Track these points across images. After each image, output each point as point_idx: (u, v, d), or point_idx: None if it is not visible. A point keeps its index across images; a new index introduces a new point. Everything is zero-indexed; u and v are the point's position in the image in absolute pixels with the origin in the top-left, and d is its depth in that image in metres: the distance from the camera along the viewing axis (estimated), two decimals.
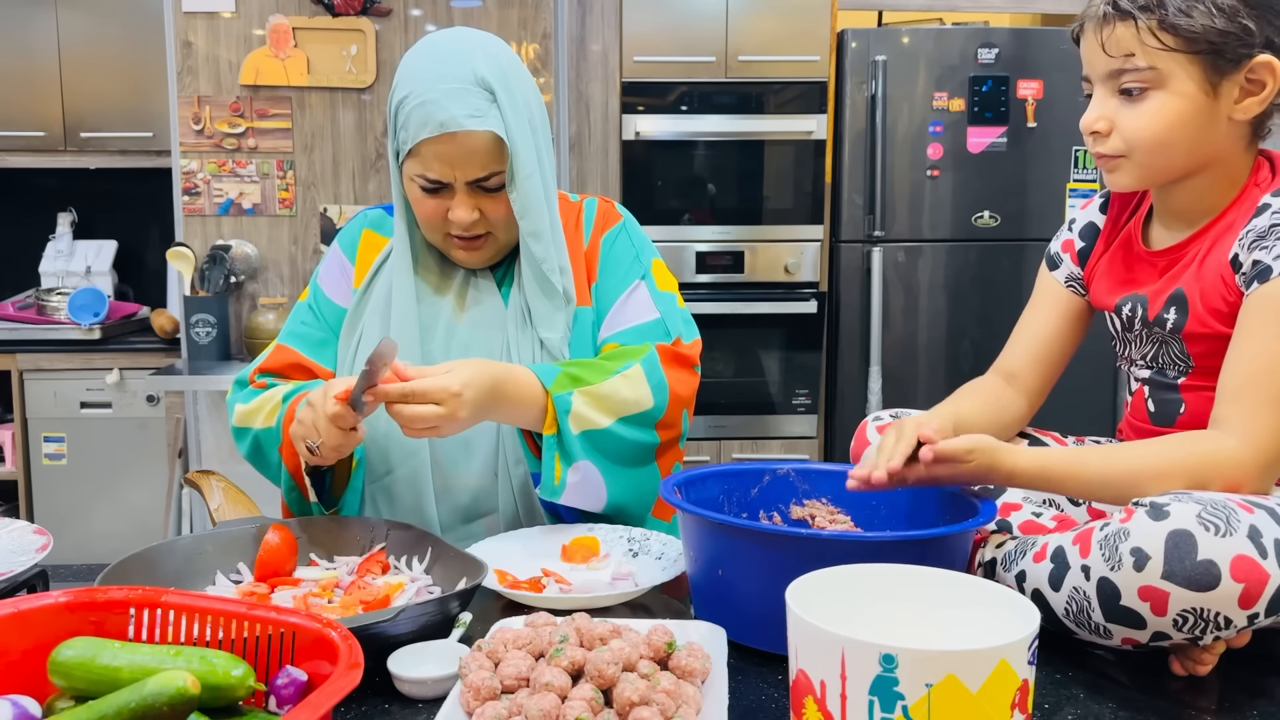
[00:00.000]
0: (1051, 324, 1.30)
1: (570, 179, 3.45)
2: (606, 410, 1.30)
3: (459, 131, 1.28)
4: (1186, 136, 1.09)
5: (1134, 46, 1.07)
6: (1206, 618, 0.90)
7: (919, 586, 0.85)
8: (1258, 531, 0.90)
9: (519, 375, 1.27)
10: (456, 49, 1.32)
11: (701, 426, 3.55)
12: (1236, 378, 1.04)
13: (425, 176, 1.32)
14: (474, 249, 1.39)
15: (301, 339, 1.44)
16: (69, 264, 3.84)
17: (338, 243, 1.51)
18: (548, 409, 1.28)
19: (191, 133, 3.30)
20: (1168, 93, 1.08)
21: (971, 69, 3.42)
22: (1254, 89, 1.08)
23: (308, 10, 3.26)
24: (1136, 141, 1.10)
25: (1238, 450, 1.01)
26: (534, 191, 1.33)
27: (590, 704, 0.82)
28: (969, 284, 3.52)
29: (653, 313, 1.42)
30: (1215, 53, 1.05)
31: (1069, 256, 1.31)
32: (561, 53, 3.37)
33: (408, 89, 1.31)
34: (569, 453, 1.29)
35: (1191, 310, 1.12)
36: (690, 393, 1.40)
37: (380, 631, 0.95)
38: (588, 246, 1.46)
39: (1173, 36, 1.05)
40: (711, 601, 1.05)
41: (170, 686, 0.73)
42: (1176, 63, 1.06)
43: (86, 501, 3.53)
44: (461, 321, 1.42)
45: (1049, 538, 1.03)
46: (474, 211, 1.34)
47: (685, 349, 1.41)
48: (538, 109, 1.37)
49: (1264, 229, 1.05)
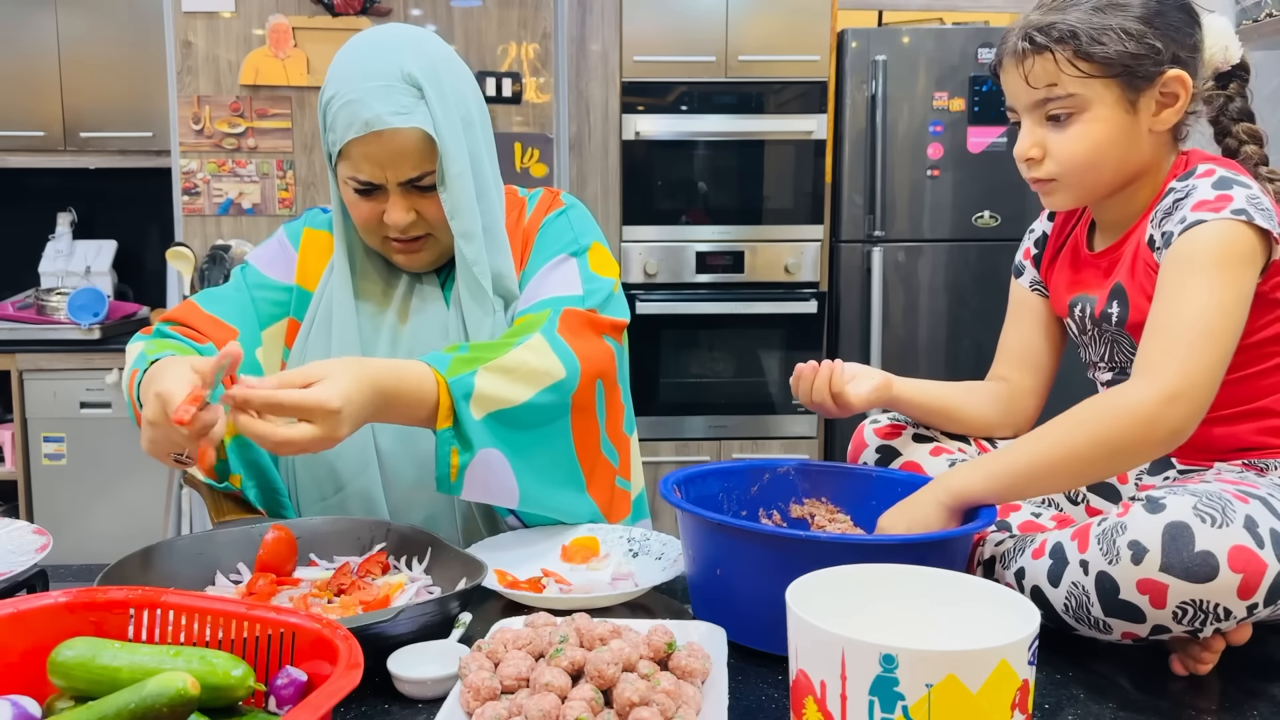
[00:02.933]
0: (1031, 329, 1.35)
1: (570, 179, 3.45)
2: (520, 382, 1.21)
3: (385, 130, 1.23)
4: (1114, 155, 1.14)
5: (1054, 77, 1.12)
6: (1206, 609, 0.90)
7: (919, 586, 0.85)
8: (1253, 522, 0.91)
9: (407, 372, 1.16)
10: (385, 45, 1.27)
11: (701, 426, 3.56)
12: (1148, 331, 1.06)
13: (356, 178, 1.28)
14: (413, 251, 1.35)
15: (207, 296, 1.40)
16: (69, 264, 3.84)
17: (284, 230, 1.48)
18: (440, 401, 1.18)
19: (191, 133, 3.30)
20: (1091, 116, 1.13)
21: (971, 69, 3.42)
22: (1169, 101, 1.14)
23: (307, 10, 3.26)
24: (1068, 165, 1.15)
25: (1139, 389, 1.02)
26: (464, 191, 1.28)
27: (590, 704, 0.82)
28: (969, 284, 3.52)
29: (575, 288, 1.33)
30: (1129, 74, 1.11)
31: (1029, 263, 1.36)
32: (561, 53, 3.37)
33: (335, 88, 1.26)
34: (468, 441, 1.19)
35: (1131, 301, 1.16)
36: (603, 361, 1.31)
37: (380, 631, 0.94)
38: (524, 233, 1.41)
39: (1089, 64, 1.11)
40: (710, 602, 1.05)
41: (170, 687, 0.73)
42: (1095, 88, 1.12)
43: (86, 501, 3.53)
44: (405, 330, 1.38)
45: (1047, 534, 1.04)
46: (409, 213, 1.29)
47: (596, 316, 1.32)
48: (475, 105, 1.33)
49: (1168, 206, 1.11)
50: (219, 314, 1.37)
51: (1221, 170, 1.11)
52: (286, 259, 1.44)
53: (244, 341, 1.36)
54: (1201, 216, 1.06)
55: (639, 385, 3.50)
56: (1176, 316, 1.04)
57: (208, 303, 1.39)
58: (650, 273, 3.46)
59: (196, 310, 1.38)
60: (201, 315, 1.37)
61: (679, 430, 3.55)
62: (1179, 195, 1.11)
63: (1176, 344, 1.02)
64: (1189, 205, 1.08)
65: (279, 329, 1.42)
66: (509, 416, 1.21)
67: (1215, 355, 1.02)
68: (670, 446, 3.54)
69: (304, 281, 1.43)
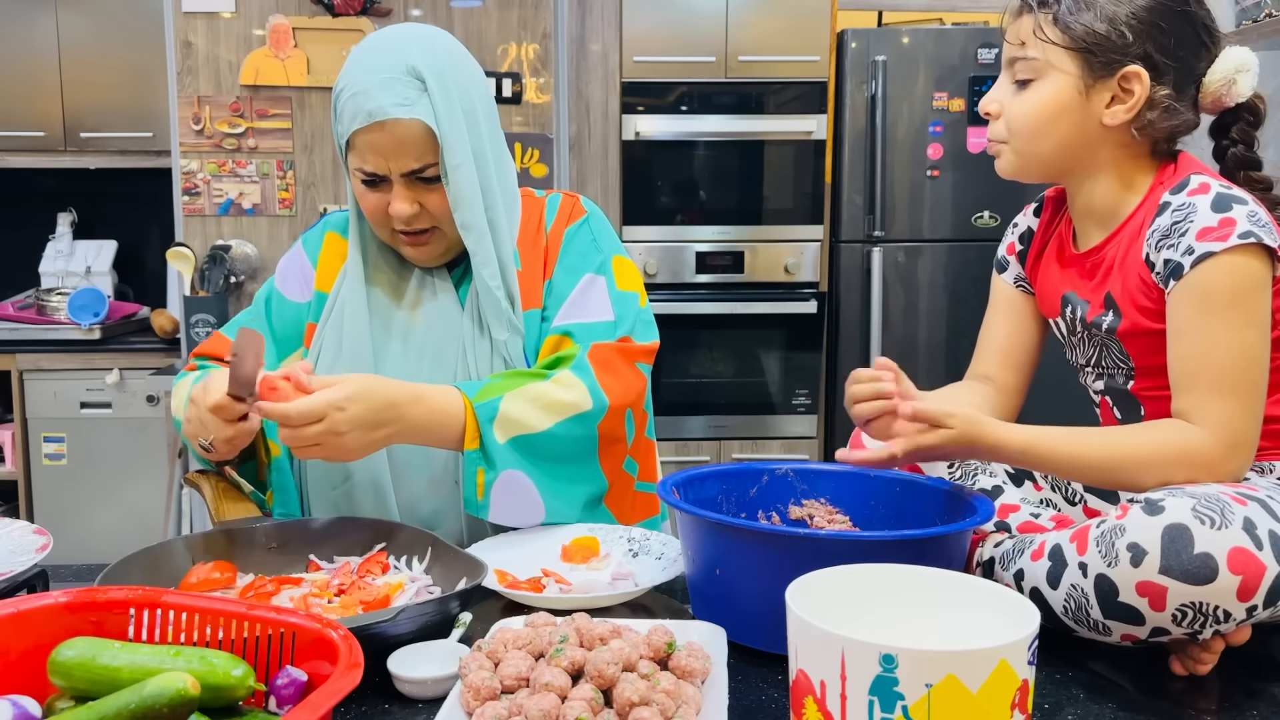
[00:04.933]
0: (1012, 325, 1.34)
1: (570, 179, 3.45)
2: (542, 410, 1.27)
3: (388, 120, 1.27)
4: (1057, 130, 1.15)
5: (1027, 37, 1.15)
6: (1205, 611, 0.90)
7: (919, 586, 0.86)
8: (1252, 524, 0.91)
9: (430, 395, 1.23)
10: (394, 42, 1.31)
11: (701, 426, 3.56)
12: (1183, 373, 1.08)
13: (362, 169, 1.31)
14: (420, 244, 1.37)
15: (235, 326, 1.43)
16: (69, 264, 3.84)
17: (301, 242, 1.50)
18: (467, 424, 1.25)
19: (191, 133, 3.30)
20: (1045, 82, 1.15)
21: (971, 69, 3.42)
22: (1124, 97, 1.14)
23: (308, 10, 3.26)
24: (1015, 127, 1.18)
25: (1205, 439, 1.04)
26: (466, 183, 1.31)
27: (590, 704, 0.82)
28: (969, 284, 3.52)
29: (608, 313, 1.38)
30: (1089, 53, 1.12)
31: (1014, 259, 1.36)
32: (561, 53, 3.37)
33: (345, 81, 1.30)
34: (493, 461, 1.25)
35: (1123, 311, 1.16)
36: (632, 394, 1.35)
37: (380, 631, 0.95)
38: (548, 242, 1.43)
39: (1058, 31, 1.13)
40: (710, 602, 1.05)
41: (170, 688, 0.73)
42: (1057, 56, 1.14)
43: (86, 501, 3.53)
44: (417, 323, 1.40)
45: (1046, 536, 1.04)
46: (413, 205, 1.32)
47: (630, 345, 1.37)
48: (480, 100, 1.35)
49: (1167, 227, 1.10)
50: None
51: (1217, 186, 1.09)
52: (303, 274, 1.47)
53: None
54: (1209, 248, 1.05)
55: None
56: (1213, 362, 1.05)
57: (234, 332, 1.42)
58: (650, 273, 3.46)
59: (226, 341, 1.44)
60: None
61: (679, 430, 3.55)
62: (1177, 217, 1.09)
63: (1227, 393, 1.05)
64: (1193, 233, 1.07)
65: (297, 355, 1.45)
66: (532, 443, 1.26)
67: (1260, 401, 1.06)
68: (670, 447, 3.54)
69: (323, 285, 1.46)
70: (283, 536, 1.22)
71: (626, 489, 1.41)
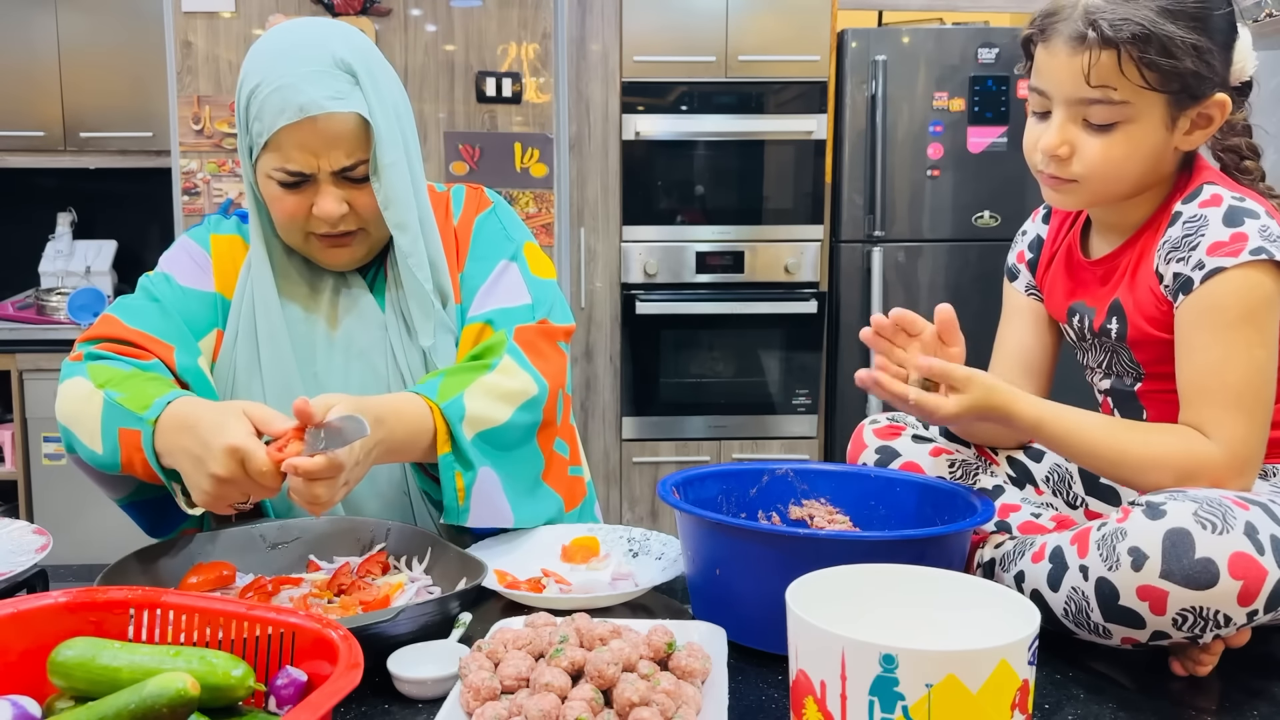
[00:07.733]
0: (1028, 333, 1.32)
1: (570, 179, 3.45)
2: (500, 401, 1.24)
3: (320, 115, 1.20)
4: (1141, 169, 1.11)
5: (1114, 80, 1.05)
6: (1206, 616, 0.90)
7: (919, 586, 0.85)
8: (1254, 528, 0.91)
9: (401, 405, 1.18)
10: (310, 35, 1.25)
11: (701, 426, 3.55)
12: (1193, 388, 1.07)
13: (285, 169, 1.23)
14: (343, 246, 1.30)
15: (126, 310, 1.30)
16: (69, 264, 3.84)
17: (186, 236, 1.41)
18: (437, 427, 1.20)
19: (191, 133, 3.30)
20: (1135, 127, 1.07)
21: (971, 69, 3.42)
22: (1202, 123, 1.10)
23: (307, 10, 3.25)
24: (1095, 171, 1.10)
25: (1216, 454, 1.03)
26: (399, 180, 1.26)
27: (590, 704, 0.82)
28: (969, 284, 3.52)
29: (525, 297, 1.35)
30: (1184, 91, 1.06)
31: (1024, 267, 1.33)
32: (561, 53, 3.37)
33: (259, 77, 1.23)
34: (468, 462, 1.21)
35: (1130, 320, 1.14)
36: (561, 375, 1.34)
37: (380, 631, 0.95)
38: (457, 233, 1.39)
39: (1153, 74, 1.05)
40: (710, 602, 1.05)
41: (170, 688, 0.73)
42: (1150, 100, 1.06)
43: (86, 501, 3.52)
44: (338, 334, 1.34)
45: (1047, 538, 1.04)
46: (342, 204, 1.25)
47: (549, 325, 1.34)
48: (401, 99, 1.31)
49: (1177, 240, 1.08)
50: (148, 329, 1.29)
51: (1229, 197, 1.08)
52: (201, 266, 1.37)
53: (182, 355, 1.29)
54: (1220, 264, 1.04)
55: (639, 385, 3.51)
56: (1224, 379, 1.04)
57: (130, 317, 1.30)
58: (650, 273, 3.46)
59: (123, 326, 1.29)
60: (133, 332, 1.28)
61: (679, 430, 3.55)
62: (1188, 230, 1.08)
63: (1237, 410, 1.04)
64: (1204, 248, 1.06)
65: (210, 339, 1.35)
66: (493, 436, 1.24)
67: (1267, 418, 1.05)
68: (670, 446, 3.54)
69: (223, 289, 1.37)
70: (283, 536, 1.22)
71: (563, 470, 1.38)
